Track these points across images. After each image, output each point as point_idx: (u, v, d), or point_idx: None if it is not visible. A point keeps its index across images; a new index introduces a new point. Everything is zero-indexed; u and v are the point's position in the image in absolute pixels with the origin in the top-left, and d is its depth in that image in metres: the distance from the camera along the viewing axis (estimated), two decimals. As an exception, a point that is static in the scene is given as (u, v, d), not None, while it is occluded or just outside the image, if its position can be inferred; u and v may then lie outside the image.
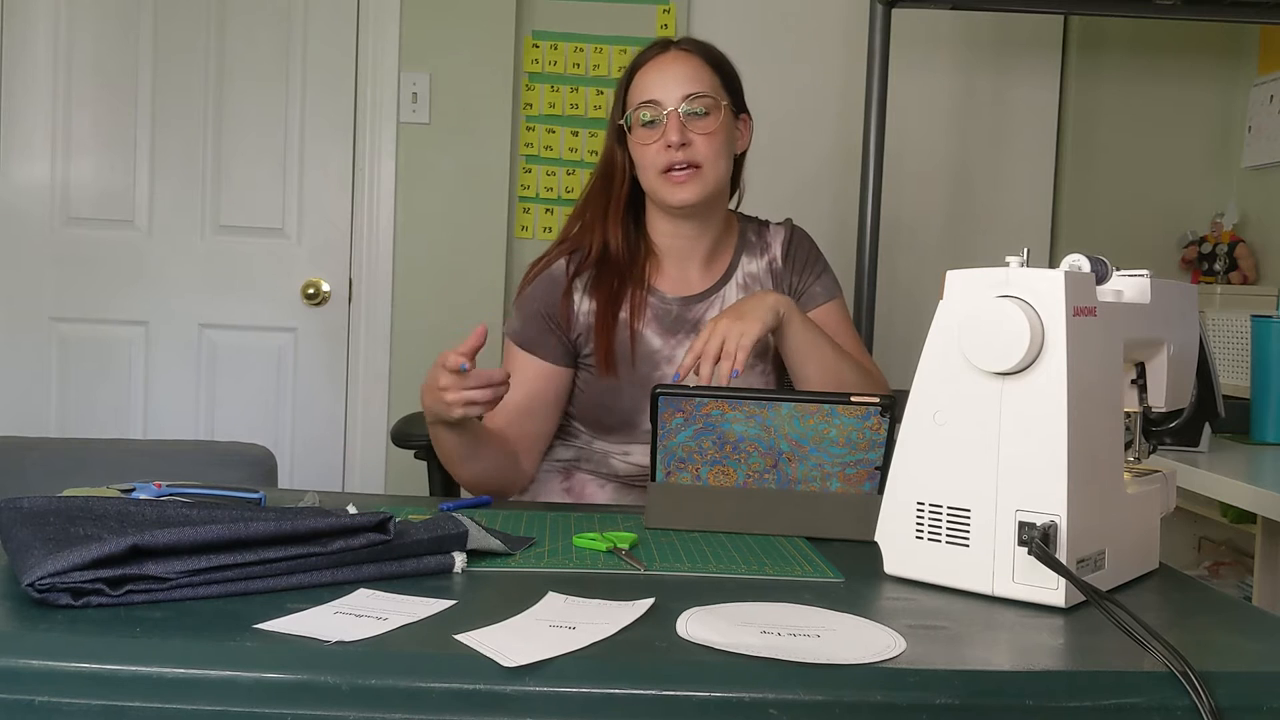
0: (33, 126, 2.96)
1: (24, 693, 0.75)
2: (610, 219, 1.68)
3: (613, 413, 1.64)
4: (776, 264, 1.72)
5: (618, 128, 1.67)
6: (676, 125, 1.60)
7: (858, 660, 0.80)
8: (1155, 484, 1.13)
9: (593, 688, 0.76)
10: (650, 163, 1.62)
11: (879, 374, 1.67)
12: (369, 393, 3.02)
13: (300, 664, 0.76)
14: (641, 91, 1.64)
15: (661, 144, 1.60)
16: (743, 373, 1.42)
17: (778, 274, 1.72)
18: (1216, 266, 3.05)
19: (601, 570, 1.05)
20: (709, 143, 1.61)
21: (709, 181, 1.62)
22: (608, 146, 1.70)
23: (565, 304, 1.65)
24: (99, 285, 2.99)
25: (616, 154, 1.68)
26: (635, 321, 1.65)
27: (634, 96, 1.65)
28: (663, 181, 1.62)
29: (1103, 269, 1.06)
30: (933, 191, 3.16)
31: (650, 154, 1.62)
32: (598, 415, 1.66)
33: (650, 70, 1.65)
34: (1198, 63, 3.18)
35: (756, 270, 1.72)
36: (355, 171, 3.02)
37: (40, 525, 0.93)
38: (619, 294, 1.66)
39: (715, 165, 1.63)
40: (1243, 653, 0.90)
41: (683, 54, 1.65)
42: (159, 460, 2.22)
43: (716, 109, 1.63)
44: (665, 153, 1.60)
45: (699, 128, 1.61)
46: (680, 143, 1.59)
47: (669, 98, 1.61)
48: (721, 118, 1.63)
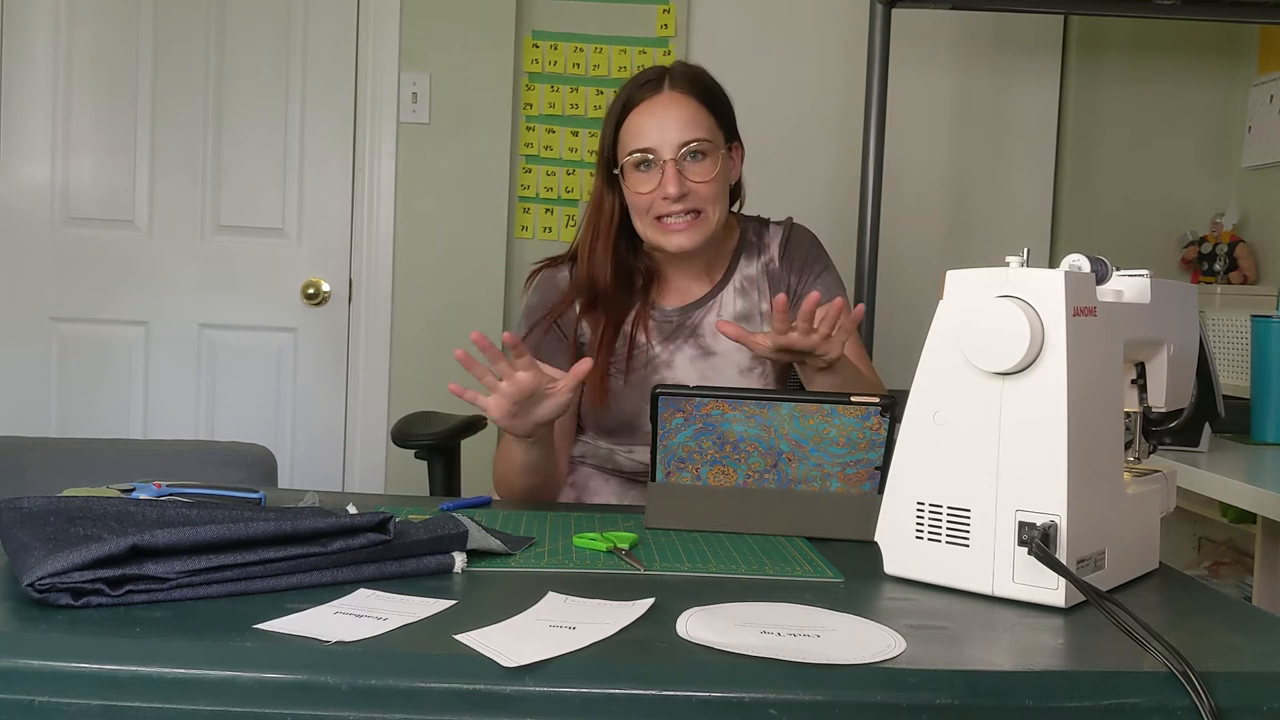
0: (33, 126, 2.96)
1: (24, 693, 0.75)
2: (600, 255, 1.65)
3: (612, 415, 1.64)
4: (774, 264, 1.71)
5: (608, 169, 1.63)
6: (674, 177, 1.56)
7: (858, 660, 0.80)
8: (1155, 484, 1.13)
9: (593, 688, 0.76)
10: (646, 209, 1.60)
11: (878, 381, 1.67)
12: (369, 393, 3.02)
13: (300, 664, 0.76)
14: (635, 137, 1.59)
15: (658, 194, 1.57)
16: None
17: (774, 274, 1.71)
18: (1216, 266, 3.05)
19: (601, 570, 1.05)
20: (708, 189, 1.58)
21: (708, 226, 1.60)
22: (597, 185, 1.66)
23: (566, 310, 1.66)
24: (99, 285, 2.99)
25: (605, 194, 1.65)
26: (635, 332, 1.65)
27: (626, 140, 1.61)
28: (658, 229, 1.60)
29: (1103, 269, 1.06)
30: (933, 192, 3.16)
31: (645, 201, 1.59)
32: (598, 418, 1.66)
33: (643, 115, 1.60)
34: (1198, 63, 3.18)
35: (753, 272, 1.71)
36: (355, 171, 3.02)
37: (40, 525, 0.93)
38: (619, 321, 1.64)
39: (715, 207, 1.60)
40: (1243, 653, 0.89)
41: (677, 96, 1.60)
42: (159, 460, 2.22)
43: (714, 151, 1.59)
44: (661, 203, 1.57)
45: (696, 174, 1.58)
46: (679, 194, 1.56)
47: (665, 146, 1.57)
48: (719, 160, 1.60)
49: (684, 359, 1.66)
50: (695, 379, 1.65)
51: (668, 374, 1.65)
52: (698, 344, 1.67)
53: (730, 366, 1.66)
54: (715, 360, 1.66)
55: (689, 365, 1.66)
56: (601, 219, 1.65)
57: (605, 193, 1.65)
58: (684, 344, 1.66)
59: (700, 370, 1.66)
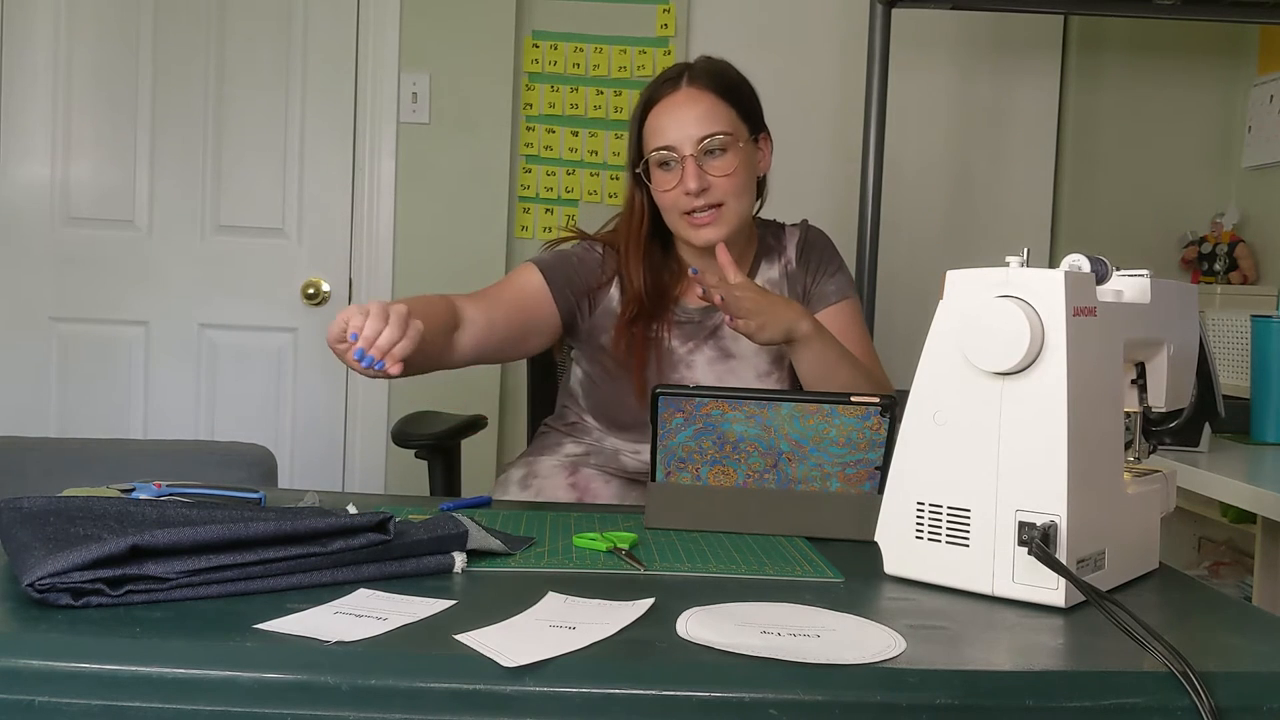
0: (33, 127, 2.96)
1: (24, 693, 0.75)
2: (633, 258, 1.67)
3: (628, 409, 1.65)
4: (791, 266, 1.72)
5: (634, 169, 1.66)
6: (694, 172, 1.58)
7: (858, 660, 0.80)
8: (1155, 484, 1.13)
9: (593, 688, 0.76)
10: (671, 205, 1.62)
11: (884, 379, 1.67)
12: (369, 393, 3.02)
13: (300, 664, 0.76)
14: (656, 135, 1.62)
15: (680, 189, 1.59)
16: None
17: (792, 276, 1.72)
18: (1216, 266, 3.05)
19: (601, 570, 1.05)
20: (729, 182, 1.60)
21: (731, 220, 1.62)
22: (628, 185, 1.70)
23: (598, 283, 1.67)
24: (99, 285, 2.99)
25: (635, 195, 1.68)
26: (662, 331, 1.66)
27: (649, 139, 1.63)
28: (685, 224, 1.62)
29: (1103, 269, 1.06)
30: (933, 191, 3.16)
31: (670, 199, 1.61)
32: (613, 412, 1.66)
33: (662, 112, 1.62)
34: (1198, 63, 3.18)
35: (774, 276, 1.73)
36: (355, 171, 3.02)
37: (40, 525, 0.93)
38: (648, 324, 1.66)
39: (738, 201, 1.62)
40: (1243, 653, 0.90)
41: (695, 92, 1.62)
42: (159, 460, 2.22)
43: (735, 144, 1.61)
44: (684, 198, 1.59)
45: (717, 169, 1.59)
46: (699, 189, 1.58)
47: (684, 142, 1.59)
48: (741, 153, 1.61)
49: (703, 359, 1.67)
50: (713, 380, 1.66)
51: (687, 374, 1.66)
52: (718, 345, 1.68)
53: (748, 370, 1.67)
54: (734, 364, 1.67)
55: (707, 367, 1.67)
56: (633, 221, 1.68)
57: (635, 193, 1.68)
58: (704, 344, 1.67)
59: (718, 372, 1.67)
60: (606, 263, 1.69)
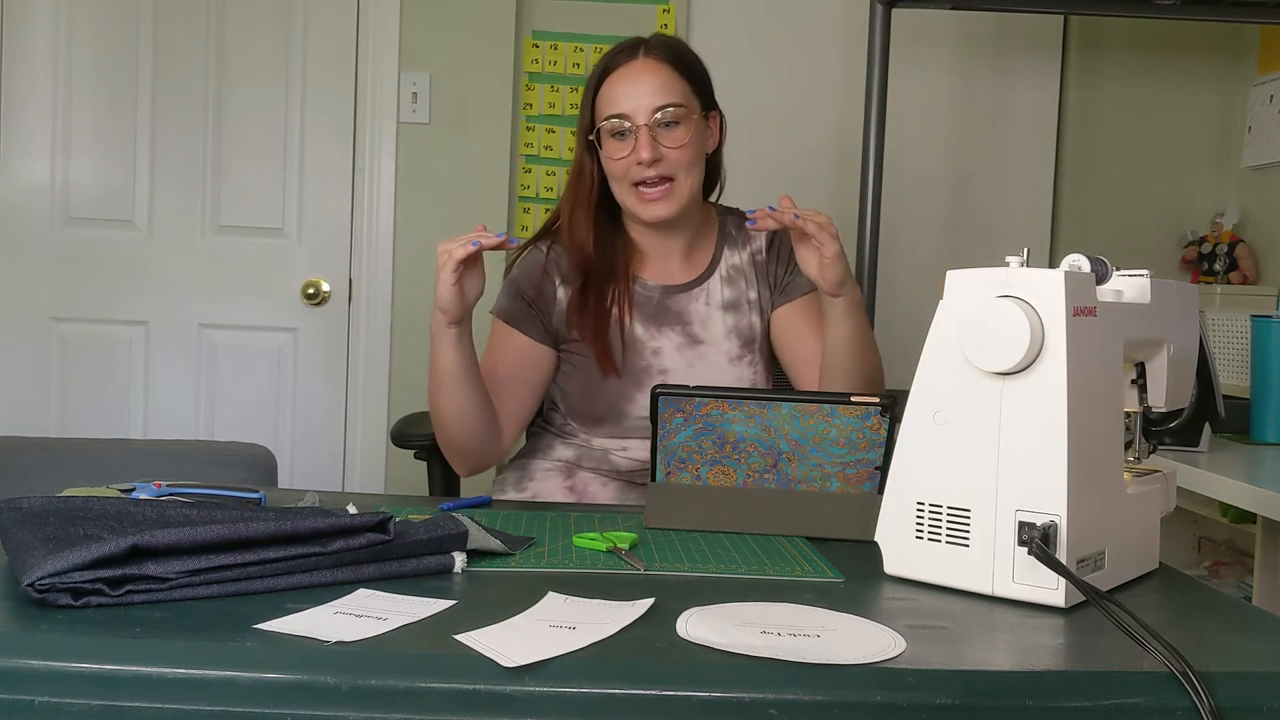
0: (33, 126, 2.96)
1: (24, 693, 0.75)
2: (581, 224, 1.66)
3: (599, 401, 1.64)
4: (760, 255, 1.72)
5: (586, 136, 1.65)
6: (648, 141, 1.57)
7: (858, 660, 0.80)
8: (1155, 484, 1.13)
9: (593, 688, 0.76)
10: (622, 175, 1.61)
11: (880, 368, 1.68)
12: (369, 393, 3.02)
13: (300, 664, 0.76)
14: (610, 103, 1.61)
15: (632, 159, 1.59)
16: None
17: (760, 266, 1.72)
18: (1216, 266, 3.05)
19: (601, 570, 1.05)
20: (681, 155, 1.60)
21: (682, 194, 1.62)
22: (578, 152, 1.68)
23: (544, 286, 1.67)
24: (99, 285, 2.99)
25: (585, 161, 1.66)
26: (621, 312, 1.66)
27: (602, 107, 1.63)
28: (635, 197, 1.61)
29: (1103, 269, 1.06)
30: (933, 191, 3.16)
31: (621, 168, 1.61)
32: (585, 405, 1.66)
33: (618, 81, 1.62)
34: (1198, 63, 3.18)
35: (740, 262, 1.72)
36: (355, 171, 3.02)
37: (40, 525, 0.93)
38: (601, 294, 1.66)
39: (689, 175, 1.62)
40: (1243, 653, 0.89)
41: (651, 63, 1.62)
42: (159, 460, 2.22)
43: (688, 118, 1.61)
44: (636, 168, 1.59)
45: (670, 140, 1.59)
46: (652, 159, 1.58)
47: (639, 111, 1.58)
48: (693, 127, 1.61)
49: (671, 346, 1.67)
50: (683, 366, 1.66)
51: (654, 361, 1.66)
52: (685, 332, 1.68)
53: (719, 355, 1.67)
54: (703, 349, 1.67)
55: (677, 353, 1.67)
56: (581, 187, 1.67)
57: (585, 160, 1.67)
58: (670, 330, 1.67)
59: (688, 358, 1.67)
60: (549, 257, 1.68)
